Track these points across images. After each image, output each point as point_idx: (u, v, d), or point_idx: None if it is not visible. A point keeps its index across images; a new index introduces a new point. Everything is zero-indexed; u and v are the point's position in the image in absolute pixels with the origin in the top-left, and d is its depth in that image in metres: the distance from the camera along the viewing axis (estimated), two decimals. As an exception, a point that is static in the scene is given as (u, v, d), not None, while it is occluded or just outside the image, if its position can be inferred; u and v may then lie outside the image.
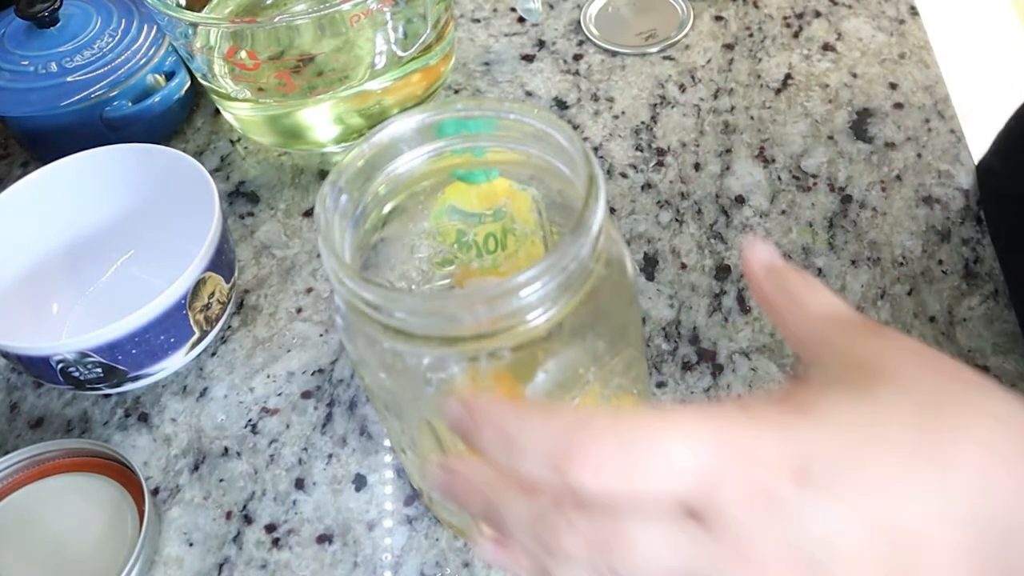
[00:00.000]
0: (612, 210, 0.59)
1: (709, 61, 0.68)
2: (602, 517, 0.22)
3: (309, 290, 0.57)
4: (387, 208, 0.38)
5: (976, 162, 0.59)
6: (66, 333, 0.55)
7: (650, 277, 0.55)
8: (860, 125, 0.62)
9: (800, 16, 0.70)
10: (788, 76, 0.66)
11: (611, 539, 0.22)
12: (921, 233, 0.56)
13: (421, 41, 0.60)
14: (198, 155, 0.66)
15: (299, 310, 0.56)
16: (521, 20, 0.73)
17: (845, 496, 0.23)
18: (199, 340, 0.51)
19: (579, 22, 0.72)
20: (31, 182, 0.54)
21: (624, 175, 0.61)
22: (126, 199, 0.56)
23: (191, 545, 0.47)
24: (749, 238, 0.32)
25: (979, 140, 0.62)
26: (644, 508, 0.22)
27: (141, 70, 0.63)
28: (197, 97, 0.69)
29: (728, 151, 0.62)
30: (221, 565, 0.46)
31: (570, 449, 0.21)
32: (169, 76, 0.64)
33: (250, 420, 0.51)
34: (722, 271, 0.55)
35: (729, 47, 0.69)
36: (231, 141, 0.67)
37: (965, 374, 0.26)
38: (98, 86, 0.61)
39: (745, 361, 0.51)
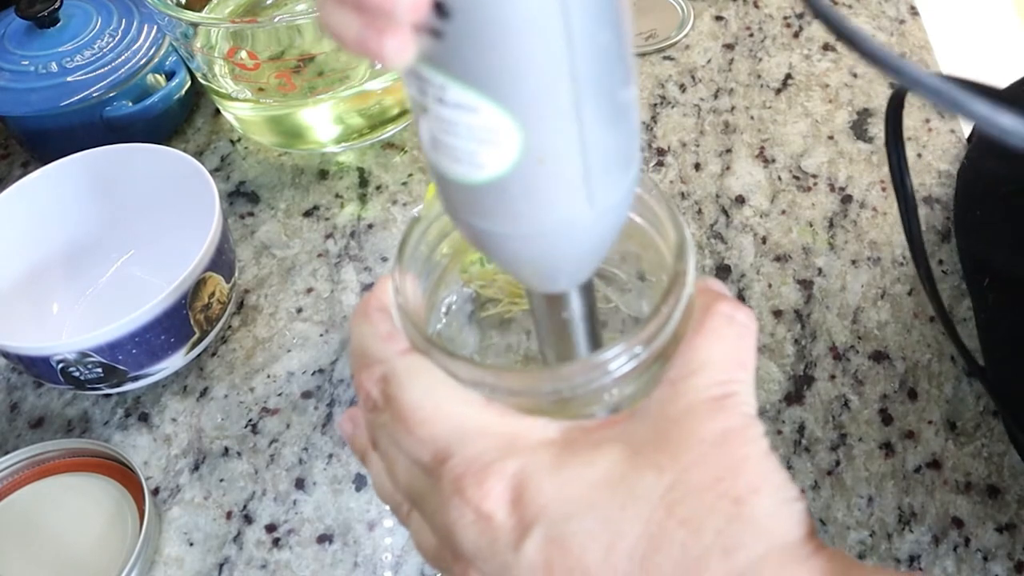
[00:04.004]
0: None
1: (709, 61, 0.68)
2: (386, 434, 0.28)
3: (309, 290, 0.57)
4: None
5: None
6: (66, 333, 0.55)
7: (650, 277, 0.55)
8: (860, 125, 0.62)
9: (800, 16, 0.70)
10: (788, 76, 0.66)
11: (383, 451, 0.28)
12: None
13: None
14: (198, 155, 0.66)
15: (299, 310, 0.56)
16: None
17: (539, 534, 0.24)
18: (199, 340, 0.51)
19: (579, 22, 0.72)
20: (31, 182, 0.54)
21: (624, 175, 0.61)
22: (126, 199, 0.56)
23: (191, 545, 0.47)
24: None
25: (979, 140, 0.62)
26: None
27: (141, 70, 0.63)
28: (197, 97, 0.69)
29: (728, 151, 0.62)
30: (221, 565, 0.46)
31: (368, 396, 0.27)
32: (169, 76, 0.64)
33: (250, 420, 0.51)
34: (722, 271, 0.55)
35: (729, 47, 0.69)
36: (231, 141, 0.67)
37: (757, 510, 0.24)
38: (98, 86, 0.61)
39: (745, 361, 0.51)
